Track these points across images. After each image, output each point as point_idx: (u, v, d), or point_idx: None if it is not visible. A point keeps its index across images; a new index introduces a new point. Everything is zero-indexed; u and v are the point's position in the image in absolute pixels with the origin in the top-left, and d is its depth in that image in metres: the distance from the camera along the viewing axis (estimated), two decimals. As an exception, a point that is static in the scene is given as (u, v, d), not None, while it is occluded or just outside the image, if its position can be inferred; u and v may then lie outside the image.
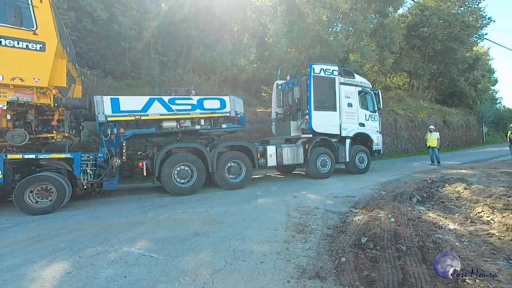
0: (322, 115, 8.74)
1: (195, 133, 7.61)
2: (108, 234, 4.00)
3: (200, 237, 3.79)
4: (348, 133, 9.30)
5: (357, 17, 18.67)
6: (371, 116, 9.99)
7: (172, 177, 6.62)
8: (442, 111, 24.99)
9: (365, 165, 9.71)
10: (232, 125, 7.69)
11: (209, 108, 7.13)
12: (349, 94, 9.36)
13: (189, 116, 6.97)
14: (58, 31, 5.27)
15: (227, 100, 7.32)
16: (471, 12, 25.31)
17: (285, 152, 8.30)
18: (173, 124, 6.92)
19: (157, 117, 6.64)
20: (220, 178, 7.17)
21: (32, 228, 4.40)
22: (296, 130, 9.02)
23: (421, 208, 4.95)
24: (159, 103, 6.63)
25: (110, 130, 6.33)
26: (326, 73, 8.88)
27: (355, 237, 3.74)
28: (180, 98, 6.95)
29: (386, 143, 18.07)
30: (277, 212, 4.97)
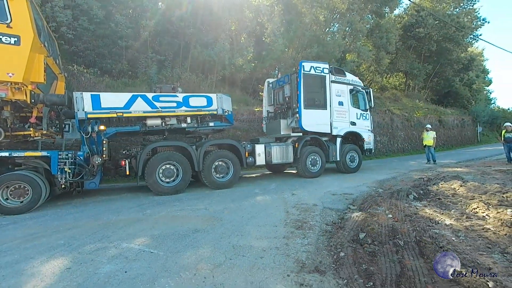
0: (312, 113, 8.60)
1: (182, 131, 7.50)
2: (107, 231, 3.99)
3: (200, 234, 3.80)
4: (339, 131, 9.17)
5: (353, 17, 18.78)
6: (362, 114, 9.89)
7: (156, 176, 6.44)
8: (437, 111, 25.24)
9: (356, 164, 9.58)
10: (220, 123, 7.50)
11: (195, 105, 6.95)
12: (340, 92, 9.26)
13: (174, 113, 6.79)
14: (35, 25, 5.11)
15: (213, 97, 7.17)
16: (466, 13, 25.61)
17: (274, 151, 8.17)
18: (157, 122, 6.76)
19: (141, 114, 6.44)
20: (206, 177, 7.01)
21: (29, 225, 4.37)
22: (286, 128, 8.90)
23: (418, 204, 5.02)
24: (142, 100, 6.42)
25: (91, 127, 6.14)
26: (316, 71, 8.74)
27: (353, 232, 3.78)
28: (164, 95, 6.76)
29: (383, 142, 18.23)
30: (276, 209, 5.00)
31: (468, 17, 25.56)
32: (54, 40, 7.40)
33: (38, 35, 5.29)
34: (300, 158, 8.44)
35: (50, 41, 6.54)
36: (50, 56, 6.02)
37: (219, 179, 7.21)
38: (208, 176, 7.02)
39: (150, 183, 6.40)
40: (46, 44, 5.81)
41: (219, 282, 2.52)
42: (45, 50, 5.68)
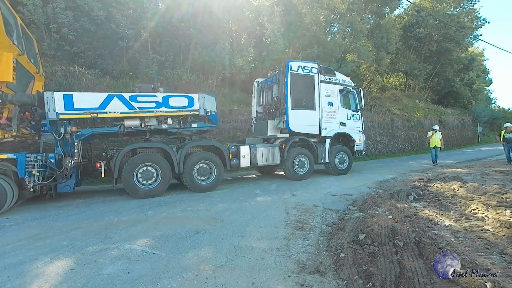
0: (300, 114, 8.40)
1: (164, 132, 7.32)
2: (109, 232, 4.03)
3: (201, 235, 3.83)
4: (328, 133, 8.98)
5: (354, 18, 18.80)
6: (353, 115, 9.69)
7: (133, 178, 6.23)
8: (438, 111, 25.28)
9: (346, 166, 9.38)
10: (204, 124, 7.29)
11: (175, 106, 6.70)
12: (329, 92, 9.05)
13: (153, 114, 6.54)
14: (2, 22, 4.97)
15: (195, 97, 6.92)
16: (466, 13, 25.64)
17: (260, 153, 7.97)
18: (136, 122, 6.51)
19: (117, 115, 6.20)
20: (188, 180, 6.80)
21: (32, 226, 4.41)
22: (273, 129, 8.69)
23: (417, 205, 5.05)
24: (118, 100, 6.19)
25: (64, 129, 5.88)
26: (304, 71, 8.53)
27: (353, 233, 3.82)
28: (142, 95, 6.53)
29: (383, 143, 18.26)
30: (277, 210, 5.03)
31: (468, 17, 25.60)
32: (32, 39, 7.19)
33: (7, 32, 5.13)
34: (287, 159, 8.25)
35: (25, 40, 6.34)
36: (22, 54, 5.80)
37: (201, 181, 6.96)
38: (189, 178, 6.79)
39: (127, 185, 6.19)
40: (16, 42, 5.60)
41: (221, 283, 2.55)
42: (16, 48, 5.50)
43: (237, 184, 8.19)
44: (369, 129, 17.64)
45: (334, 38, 18.76)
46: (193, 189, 6.89)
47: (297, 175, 8.40)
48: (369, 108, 19.55)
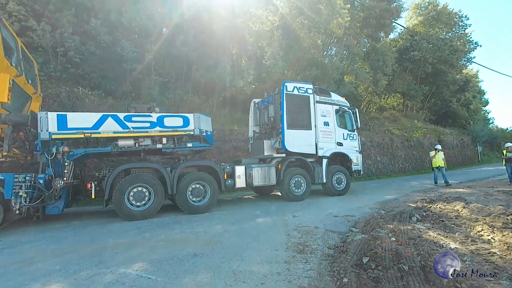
0: (296, 134, 8.41)
1: (159, 152, 7.20)
2: (104, 255, 3.90)
3: (199, 258, 3.71)
4: (325, 152, 8.91)
5: (350, 41, 19.53)
6: (349, 135, 9.70)
7: (125, 199, 6.05)
8: (436, 131, 25.47)
9: (344, 186, 9.22)
10: (199, 144, 7.23)
11: (170, 126, 6.69)
12: (325, 112, 9.13)
13: (147, 134, 6.51)
14: (1, 44, 5.08)
15: (190, 117, 6.91)
16: (458, 37, 26.69)
17: (255, 173, 7.80)
18: (130, 142, 6.46)
19: (111, 135, 6.17)
20: (181, 201, 6.62)
21: (26, 249, 4.28)
22: (270, 149, 8.66)
23: (421, 227, 4.93)
24: (113, 120, 6.18)
25: (56, 149, 5.80)
26: (300, 91, 8.65)
27: (356, 257, 3.70)
28: (137, 115, 6.53)
29: (383, 163, 18.21)
30: (277, 232, 4.91)
31: (460, 41, 26.61)
32: (33, 61, 7.39)
33: (6, 55, 5.26)
34: (284, 180, 8.11)
35: (25, 62, 6.50)
36: (20, 75, 5.90)
37: (195, 203, 6.78)
38: (182, 199, 6.62)
39: (117, 206, 6.01)
40: (14, 64, 5.71)
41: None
42: (14, 69, 5.60)
43: (237, 205, 8.06)
44: (369, 149, 17.67)
45: (332, 61, 19.34)
46: (187, 210, 6.68)
47: (294, 196, 8.24)
48: (368, 128, 19.73)
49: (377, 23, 22.52)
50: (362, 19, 21.77)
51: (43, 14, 10.78)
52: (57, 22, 10.84)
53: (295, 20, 17.25)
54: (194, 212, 6.68)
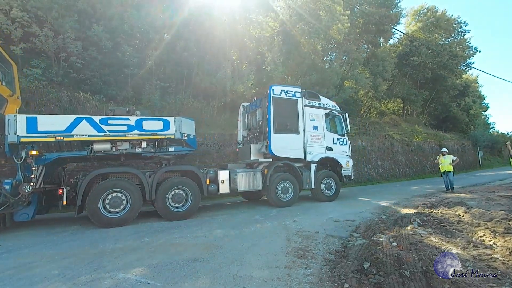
0: (283, 138, 8.21)
1: (140, 156, 6.96)
2: (103, 260, 3.87)
3: (199, 263, 3.68)
4: (314, 157, 8.69)
5: (350, 47, 19.68)
6: (339, 139, 9.47)
7: (99, 205, 5.82)
8: (437, 135, 25.46)
9: (333, 192, 8.99)
10: (182, 148, 6.98)
11: (149, 129, 6.45)
12: (314, 116, 8.95)
13: (124, 137, 6.26)
14: None
15: (171, 121, 6.68)
16: (458, 43, 26.86)
17: (240, 178, 7.57)
18: (106, 146, 6.20)
19: (85, 138, 5.92)
20: (160, 207, 6.42)
21: (24, 254, 4.25)
22: (256, 153, 8.42)
23: (422, 232, 4.89)
24: (87, 123, 5.96)
25: (26, 152, 5.52)
26: (287, 95, 8.48)
27: (357, 262, 3.66)
28: (114, 118, 6.29)
29: (384, 167, 18.16)
30: (277, 237, 4.88)
31: (459, 47, 26.76)
32: (11, 63, 7.18)
33: None
34: (270, 185, 7.88)
35: (3, 64, 6.37)
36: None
37: (175, 209, 6.55)
38: (161, 205, 6.41)
39: (91, 213, 5.77)
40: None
41: (218, 317, 2.40)
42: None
43: (236, 209, 8.02)
44: (370, 153, 17.65)
45: (332, 66, 19.47)
46: (166, 217, 6.46)
47: (281, 202, 8.00)
48: (369, 132, 19.74)
49: (377, 29, 22.74)
50: (361, 25, 21.99)
51: (46, 20, 10.91)
52: (59, 28, 10.95)
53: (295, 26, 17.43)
54: (174, 218, 6.45)
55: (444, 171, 10.86)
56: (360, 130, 19.36)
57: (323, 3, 17.90)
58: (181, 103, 13.39)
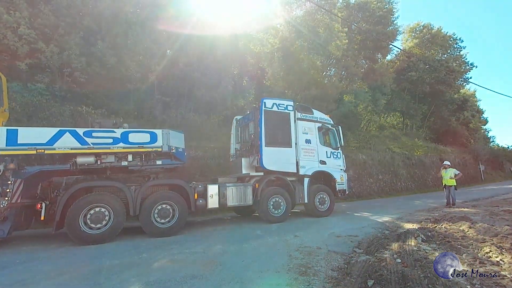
0: (275, 151, 8.02)
1: (126, 170, 6.73)
2: (99, 277, 3.77)
3: (198, 280, 3.57)
4: (307, 171, 8.50)
5: (349, 62, 20.10)
6: (333, 153, 9.30)
7: (79, 221, 5.57)
8: (437, 149, 25.44)
9: (327, 207, 8.72)
10: (170, 161, 6.78)
11: (135, 142, 6.26)
12: (307, 130, 8.82)
13: (109, 150, 6.06)
14: None
15: (158, 133, 6.51)
16: (454, 59, 27.40)
17: (230, 192, 7.31)
18: (90, 159, 5.98)
19: (67, 151, 5.72)
20: (145, 222, 6.17)
21: (18, 271, 4.14)
22: (248, 167, 8.24)
23: (427, 248, 4.78)
24: (71, 135, 5.78)
25: (4, 166, 5.36)
26: (279, 108, 8.36)
27: (361, 279, 3.56)
28: (98, 130, 6.15)
29: (385, 181, 18.01)
30: (278, 253, 4.76)
31: (456, 62, 27.28)
32: (0, 77, 7.03)
33: None
34: (261, 200, 7.62)
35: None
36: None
37: (161, 224, 6.29)
38: (146, 221, 6.16)
39: (70, 228, 5.53)
40: None
41: (217, 338, 2.30)
42: None
43: (236, 225, 7.90)
44: (371, 167, 17.57)
45: (331, 81, 19.80)
46: (150, 233, 6.20)
47: (272, 217, 7.71)
48: (369, 146, 19.75)
49: (374, 45, 23.31)
50: (359, 41, 22.56)
51: (52, 37, 11.20)
52: (65, 45, 11.22)
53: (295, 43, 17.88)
54: (159, 235, 6.18)
55: (444, 185, 10.66)
56: (360, 144, 19.38)
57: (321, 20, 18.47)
58: (182, 117, 13.51)
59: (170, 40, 14.43)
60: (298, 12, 19.86)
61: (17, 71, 10.93)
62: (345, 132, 20.13)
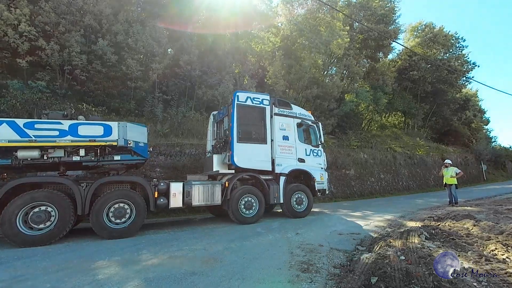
0: (248, 148, 7.54)
1: (81, 166, 6.22)
2: (98, 273, 3.71)
3: (198, 277, 3.51)
4: (283, 169, 8.02)
5: (350, 61, 20.01)
6: (313, 151, 8.80)
7: (16, 221, 5.11)
8: (439, 149, 25.31)
9: (304, 207, 8.25)
10: (130, 157, 6.31)
11: (85, 135, 5.72)
12: (285, 126, 8.33)
13: (54, 144, 5.55)
14: None
15: (114, 126, 5.99)
16: (456, 58, 27.26)
17: (195, 191, 6.81)
18: (33, 153, 5.46)
19: (4, 144, 5.23)
20: (96, 223, 5.69)
21: (16, 266, 4.09)
22: (220, 164, 7.73)
23: (431, 245, 4.70)
24: (8, 126, 5.28)
25: None
26: (254, 102, 7.86)
27: (364, 276, 3.48)
28: (42, 121, 5.61)
29: (387, 180, 17.91)
30: (279, 250, 4.70)
31: (458, 61, 27.14)
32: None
33: None
34: (231, 199, 7.14)
35: None
36: None
37: (113, 225, 5.83)
38: (97, 221, 5.69)
39: (6, 230, 5.08)
40: None
41: (217, 334, 2.24)
42: None
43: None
44: (372, 166, 17.48)
45: (332, 80, 19.72)
46: (102, 234, 5.74)
47: (243, 218, 7.26)
48: (371, 145, 19.66)
49: (376, 44, 23.21)
50: (361, 40, 22.48)
51: (53, 34, 11.16)
52: (65, 42, 11.19)
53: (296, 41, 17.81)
54: (111, 236, 5.75)
55: (445, 184, 10.59)
56: (361, 143, 19.30)
57: (323, 19, 18.40)
58: (183, 115, 13.46)
59: (171, 39, 14.39)
60: (299, 11, 19.78)
61: (18, 69, 10.90)
62: (347, 131, 20.15)
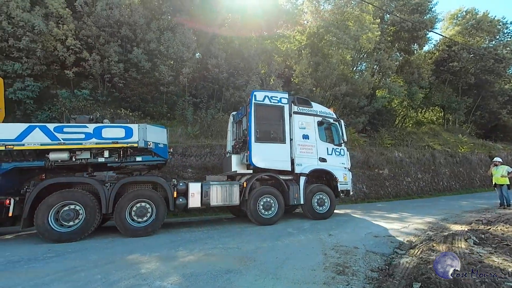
0: (266, 147, 7.43)
1: (106, 167, 6.54)
2: (141, 267, 3.96)
3: (233, 274, 3.59)
4: (304, 169, 7.75)
5: (381, 56, 19.06)
6: (335, 150, 8.43)
7: (48, 219, 5.47)
8: (486, 146, 23.07)
9: (326, 208, 7.88)
10: (151, 158, 6.58)
11: (108, 137, 6.05)
12: (305, 124, 8.07)
13: (81, 146, 5.91)
14: None
15: (134, 128, 6.23)
16: (504, 45, 24.66)
17: (213, 191, 6.83)
18: (63, 155, 5.88)
19: (37, 147, 5.63)
20: (118, 221, 5.94)
21: (71, 259, 4.51)
22: (239, 165, 7.65)
23: (481, 251, 4.32)
24: (41, 131, 5.67)
25: None
26: (272, 101, 7.75)
27: (405, 281, 3.31)
28: (70, 125, 6.01)
29: (425, 180, 16.77)
30: (313, 251, 4.63)
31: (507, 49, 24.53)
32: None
33: None
34: (249, 200, 7.07)
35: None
36: None
37: (134, 224, 6.07)
38: (120, 219, 5.94)
39: (39, 227, 5.43)
40: None
41: (256, 331, 2.27)
42: None
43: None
44: (408, 166, 16.49)
45: (362, 76, 18.92)
46: (124, 232, 6.00)
47: (262, 219, 7.11)
48: (406, 143, 18.56)
49: (410, 35, 21.84)
50: (393, 32, 21.29)
51: (94, 46, 12.15)
52: (105, 53, 12.12)
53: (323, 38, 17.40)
54: (134, 235, 5.99)
55: (495, 184, 9.67)
56: (396, 141, 18.27)
57: (351, 13, 17.78)
58: (212, 117, 13.83)
59: (198, 43, 14.87)
60: (326, 7, 19.32)
61: (66, 79, 12.02)
62: (379, 128, 19.22)
